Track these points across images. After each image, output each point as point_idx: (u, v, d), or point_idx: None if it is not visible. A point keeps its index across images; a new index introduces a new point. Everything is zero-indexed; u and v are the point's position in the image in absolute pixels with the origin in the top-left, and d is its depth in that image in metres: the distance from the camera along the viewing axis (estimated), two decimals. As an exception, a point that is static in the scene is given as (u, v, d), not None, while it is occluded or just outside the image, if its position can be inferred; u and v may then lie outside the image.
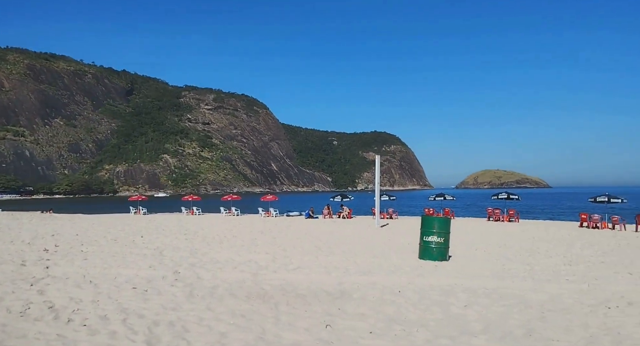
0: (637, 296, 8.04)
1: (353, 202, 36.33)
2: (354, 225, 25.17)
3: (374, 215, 24.89)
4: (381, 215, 30.27)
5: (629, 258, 13.10)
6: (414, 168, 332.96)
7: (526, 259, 12.49)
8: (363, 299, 7.48)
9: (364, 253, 13.25)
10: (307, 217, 31.73)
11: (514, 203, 37.33)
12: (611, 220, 24.33)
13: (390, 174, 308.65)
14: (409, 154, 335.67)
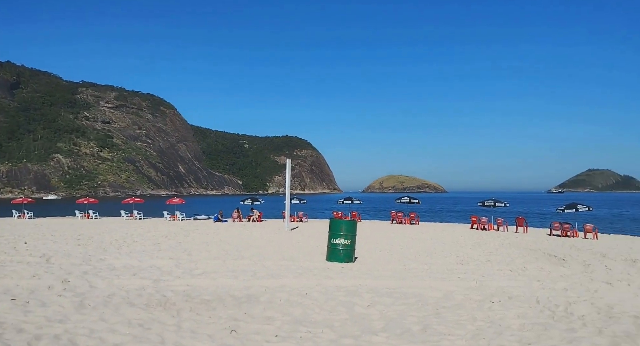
0: (516, 291, 8.96)
1: (264, 205, 36.15)
2: (264, 228, 25.03)
3: (284, 218, 24.98)
4: (291, 218, 30.48)
5: (510, 256, 14.58)
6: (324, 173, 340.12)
7: (425, 259, 13.34)
8: (270, 302, 7.46)
9: (273, 256, 13.23)
10: (216, 221, 30.93)
11: (414, 207, 39.69)
12: (496, 222, 26.91)
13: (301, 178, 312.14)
14: (319, 159, 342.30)
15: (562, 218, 27.50)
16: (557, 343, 5.44)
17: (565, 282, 10.05)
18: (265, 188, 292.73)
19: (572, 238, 22.41)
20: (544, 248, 17.60)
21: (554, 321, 6.66)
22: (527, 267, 12.19)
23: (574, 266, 12.73)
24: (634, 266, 12.87)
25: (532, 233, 25.56)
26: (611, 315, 6.96)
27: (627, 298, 8.47)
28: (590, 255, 15.35)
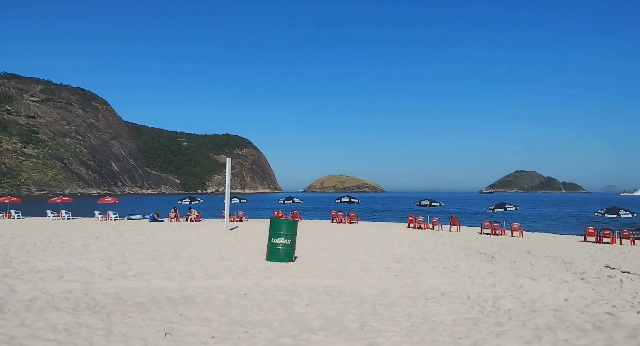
0: (449, 287, 9.34)
1: (202, 205, 35.25)
2: (202, 228, 24.38)
3: (224, 218, 24.49)
4: (231, 218, 29.93)
5: (444, 254, 15.21)
6: (265, 172, 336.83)
7: (363, 258, 13.58)
8: (207, 303, 7.25)
9: (211, 256, 12.90)
10: (152, 220, 29.72)
11: (354, 206, 40.38)
12: (432, 221, 28.01)
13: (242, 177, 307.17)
14: (260, 158, 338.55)
15: (492, 218, 29.12)
16: (485, 337, 5.71)
17: (494, 278, 10.61)
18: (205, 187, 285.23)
19: (501, 237, 23.81)
20: (475, 246, 18.53)
21: (483, 316, 6.99)
22: (459, 265, 12.76)
23: (501, 263, 13.50)
24: (554, 263, 13.86)
25: (465, 231, 26.86)
26: (534, 309, 7.42)
27: (549, 292, 9.09)
28: (517, 252, 16.36)
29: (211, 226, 26.08)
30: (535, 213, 63.48)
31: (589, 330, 5.92)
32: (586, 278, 10.89)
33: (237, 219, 31.46)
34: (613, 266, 12.97)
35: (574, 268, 12.66)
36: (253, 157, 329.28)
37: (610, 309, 7.57)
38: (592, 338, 5.54)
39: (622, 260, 14.76)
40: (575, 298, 8.52)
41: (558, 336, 5.67)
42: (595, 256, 15.90)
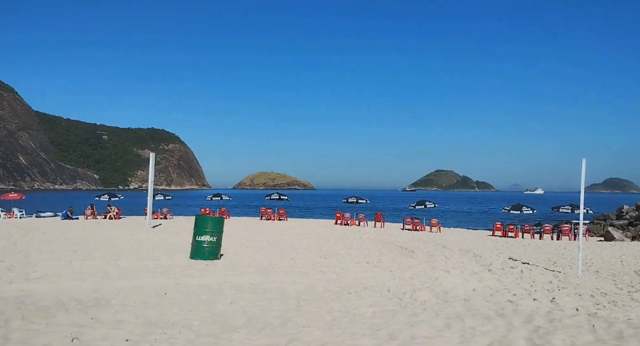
0: (371, 281, 9.66)
1: (123, 201, 33.38)
2: (122, 226, 23.12)
3: (146, 215, 23.40)
4: (155, 215, 28.70)
5: (368, 250, 15.70)
6: (192, 168, 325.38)
7: (290, 254, 13.65)
8: (123, 305, 6.89)
9: (130, 255, 12.28)
10: (65, 218, 27.65)
11: (284, 203, 40.41)
12: (358, 218, 28.79)
13: (168, 173, 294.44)
14: (188, 153, 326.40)
15: (413, 214, 30.53)
16: (401, 327, 5.99)
17: (413, 272, 11.15)
18: (127, 183, 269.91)
19: (421, 232, 25.04)
20: (397, 241, 19.33)
21: (400, 307, 7.33)
22: (382, 259, 13.24)
23: (420, 257, 14.21)
24: (466, 256, 14.84)
25: (389, 227, 27.93)
26: (447, 299, 7.91)
27: (460, 283, 9.73)
28: (434, 247, 17.30)
29: (132, 224, 24.80)
30: (452, 210, 67.55)
31: (493, 317, 6.42)
32: (492, 270, 11.80)
33: (161, 216, 30.21)
34: (515, 258, 14.17)
35: (482, 260, 13.65)
36: (180, 152, 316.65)
37: (511, 297, 8.27)
38: (495, 324, 6.01)
39: (523, 252, 16.15)
40: (483, 288, 9.20)
41: (466, 323, 6.09)
42: (501, 249, 17.24)
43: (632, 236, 23.18)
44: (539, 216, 33.31)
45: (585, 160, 11.60)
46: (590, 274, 11.52)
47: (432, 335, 5.65)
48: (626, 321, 6.46)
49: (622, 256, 15.21)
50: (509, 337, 5.39)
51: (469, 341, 5.32)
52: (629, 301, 8.46)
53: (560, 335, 5.37)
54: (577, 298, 8.50)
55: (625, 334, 5.34)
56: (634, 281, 10.77)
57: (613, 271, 12.15)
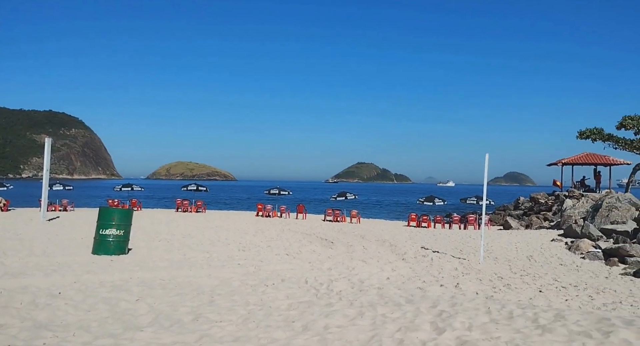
0: (289, 273, 9.60)
1: (13, 192, 30.16)
2: (10, 218, 20.92)
3: (41, 207, 21.38)
4: (52, 206, 26.37)
5: (288, 241, 15.66)
6: (100, 156, 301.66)
7: (207, 247, 13.18)
8: (5, 307, 6.14)
9: (19, 252, 11.08)
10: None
11: (202, 195, 39.15)
12: (280, 210, 28.69)
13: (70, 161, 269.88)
14: (94, 140, 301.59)
15: (334, 205, 31.03)
16: (316, 318, 5.98)
17: (331, 262, 11.27)
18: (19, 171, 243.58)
19: (341, 223, 25.52)
20: (318, 232, 19.52)
21: (317, 298, 7.33)
22: (302, 251, 13.25)
23: (339, 248, 14.44)
24: (383, 246, 15.35)
25: (310, 219, 28.14)
26: (362, 289, 8.06)
27: (375, 272, 10.00)
28: (353, 238, 17.70)
29: (23, 216, 22.50)
30: (371, 201, 69.95)
31: (403, 303, 6.64)
32: (406, 259, 12.30)
33: (60, 208, 27.78)
34: (427, 247, 14.91)
35: (397, 250, 14.19)
36: (85, 138, 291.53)
37: (421, 284, 8.66)
38: (404, 310, 6.22)
39: (434, 242, 17.06)
40: (396, 277, 9.53)
41: (377, 311, 6.23)
42: (414, 238, 18.07)
43: (526, 225, 25.61)
44: (449, 207, 35.47)
45: (488, 155, 12.45)
46: (490, 260, 12.45)
47: (346, 324, 5.70)
48: (516, 302, 7.03)
49: (517, 243, 16.62)
50: (416, 322, 5.59)
51: (380, 328, 5.43)
52: (520, 284, 9.26)
53: (460, 317, 5.67)
54: (478, 283, 9.12)
55: (515, 314, 5.78)
56: (525, 265, 11.84)
57: (509, 257, 13.26)
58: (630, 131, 27.94)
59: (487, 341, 4.75)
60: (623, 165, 30.16)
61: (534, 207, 29.29)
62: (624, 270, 11.76)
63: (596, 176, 30.61)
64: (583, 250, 14.42)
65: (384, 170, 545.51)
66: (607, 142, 28.62)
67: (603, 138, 28.56)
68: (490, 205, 28.59)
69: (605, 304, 7.76)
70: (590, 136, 28.86)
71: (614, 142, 28.45)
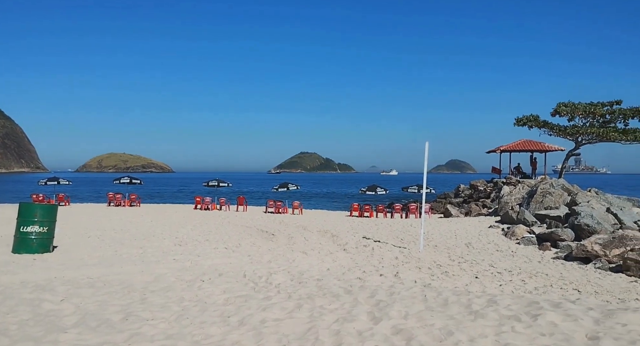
0: (227, 267, 9.37)
1: None
2: None
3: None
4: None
5: (228, 234, 15.32)
6: (22, 148, 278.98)
7: (141, 243, 12.59)
8: None
9: None
10: None
11: (136, 188, 37.43)
12: (219, 202, 28.08)
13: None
14: (16, 131, 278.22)
15: (276, 197, 30.81)
16: (253, 312, 5.85)
17: (271, 255, 11.13)
18: None
19: (283, 215, 25.41)
20: (259, 224, 19.29)
21: (255, 292, 7.18)
22: (241, 244, 13.00)
23: (280, 240, 14.33)
24: (324, 236, 15.43)
25: (251, 211, 27.77)
26: (301, 281, 8.01)
27: (316, 264, 10.00)
28: (295, 229, 17.64)
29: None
30: (314, 192, 70.36)
31: (341, 294, 6.66)
32: (347, 249, 12.42)
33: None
34: (369, 237, 15.17)
35: (339, 240, 14.31)
36: (5, 129, 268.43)
37: (360, 274, 8.75)
38: (342, 301, 6.24)
39: (375, 231, 17.40)
40: (336, 268, 9.58)
41: (315, 303, 6.21)
42: (357, 228, 18.34)
43: (465, 212, 26.51)
44: (391, 196, 36.32)
45: (428, 143, 12.78)
46: (430, 248, 12.84)
47: (283, 317, 5.62)
48: (453, 289, 7.27)
49: (457, 231, 17.28)
50: (353, 312, 5.61)
51: (317, 320, 5.40)
52: (458, 271, 9.61)
53: (397, 306, 5.77)
54: (417, 271, 9.37)
55: (450, 301, 5.96)
56: (464, 252, 12.32)
57: (448, 245, 13.74)
58: (564, 118, 29.01)
59: (421, 329, 4.85)
60: (557, 151, 31.04)
61: (473, 194, 29.99)
62: (555, 254, 12.43)
63: (532, 162, 31.54)
64: (518, 236, 15.19)
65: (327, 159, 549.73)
66: (543, 128, 29.35)
67: (539, 125, 29.27)
68: (431, 194, 29.35)
69: (536, 288, 8.20)
70: (526, 123, 29.44)
71: (549, 129, 29.26)
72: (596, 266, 10.51)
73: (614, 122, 27.94)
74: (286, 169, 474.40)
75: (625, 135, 27.13)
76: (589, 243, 11.45)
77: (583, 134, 28.17)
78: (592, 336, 4.31)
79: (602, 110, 27.83)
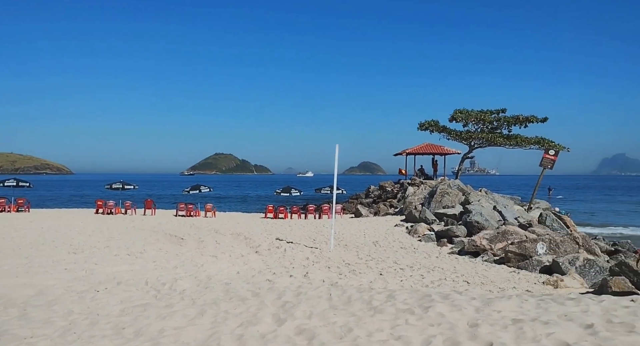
0: (128, 275, 8.77)
1: None
2: None
3: None
4: None
5: (132, 240, 14.38)
6: None
7: (26, 252, 11.37)
8: None
9: None
10: None
11: (25, 191, 33.90)
12: (124, 206, 26.35)
13: None
14: None
15: (187, 199, 29.63)
16: (151, 322, 5.50)
17: (179, 260, 10.63)
18: None
19: (195, 218, 24.45)
20: (168, 228, 18.36)
21: (156, 300, 6.78)
22: (146, 249, 12.28)
23: (190, 244, 13.75)
24: (237, 239, 15.09)
25: (160, 214, 26.36)
26: (208, 286, 7.72)
27: (225, 267, 9.72)
28: (207, 232, 17.05)
29: None
30: (229, 194, 68.89)
31: (248, 297, 6.51)
32: (260, 251, 12.25)
33: None
34: (282, 238, 15.10)
35: (252, 242, 14.07)
36: None
37: (271, 276, 8.66)
38: (249, 304, 6.09)
39: (289, 232, 17.39)
40: (247, 270, 9.39)
41: (220, 308, 6.00)
42: (270, 230, 18.18)
43: (374, 212, 27.53)
44: (306, 197, 36.60)
45: (338, 146, 13.03)
46: (341, 248, 13.08)
47: (184, 324, 5.34)
48: (357, 286, 7.45)
49: (366, 230, 17.82)
50: (258, 315, 5.50)
51: (220, 325, 5.22)
52: (365, 269, 9.89)
53: (303, 306, 5.76)
54: (326, 271, 9.48)
55: (353, 298, 6.09)
56: (371, 251, 12.72)
57: (357, 243, 14.11)
58: (459, 123, 31.36)
59: (324, 327, 4.87)
60: (455, 154, 33.52)
61: (382, 194, 31.21)
62: (451, 249, 13.32)
63: (434, 165, 33.80)
64: (420, 234, 16.05)
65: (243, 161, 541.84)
66: (442, 133, 31.69)
67: (439, 130, 31.59)
68: (343, 194, 30.06)
69: (432, 281, 8.67)
70: (428, 127, 31.72)
71: (447, 133, 31.61)
72: (484, 259, 11.43)
73: (500, 129, 30.81)
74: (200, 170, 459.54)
75: (509, 140, 30.12)
76: (478, 238, 12.45)
77: (475, 139, 30.78)
78: (472, 324, 4.63)
79: (490, 117, 30.53)
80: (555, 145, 28.05)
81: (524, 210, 21.17)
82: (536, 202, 23.12)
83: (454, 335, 4.34)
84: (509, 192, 34.09)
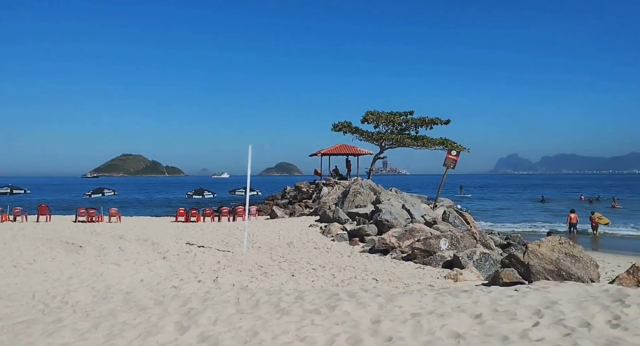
0: (12, 289, 7.92)
1: None
2: None
3: None
4: None
5: (19, 250, 13.04)
6: None
7: None
8: None
9: None
10: None
11: None
12: (13, 212, 23.84)
13: None
14: None
15: (89, 204, 27.45)
16: (34, 340, 4.94)
17: (75, 270, 9.78)
18: None
19: (97, 223, 22.72)
20: (65, 236, 16.87)
21: (43, 315, 6.15)
22: (36, 259, 11.17)
23: (89, 252, 12.71)
24: (144, 245, 14.24)
25: (58, 221, 24.16)
26: (106, 296, 7.16)
27: (128, 275, 9.10)
28: (109, 239, 15.89)
29: None
30: (136, 197, 65.12)
31: (150, 306, 6.14)
32: (167, 257, 11.65)
33: None
34: (193, 243, 14.53)
35: (160, 248, 13.36)
36: None
37: (177, 283, 8.26)
38: (150, 313, 5.74)
39: (201, 236, 16.81)
40: (152, 277, 8.88)
41: (118, 319, 5.58)
42: (181, 234, 17.42)
43: (290, 213, 27.58)
44: (220, 199, 35.68)
45: (251, 146, 12.84)
46: (254, 250, 12.88)
47: (73, 340, 4.88)
48: (267, 289, 7.36)
49: (280, 231, 17.76)
50: (159, 324, 5.20)
51: (116, 338, 4.84)
52: (277, 270, 9.81)
53: (208, 312, 5.55)
54: (238, 274, 9.26)
55: (261, 301, 6.00)
56: (285, 252, 12.68)
57: (271, 245, 13.99)
58: (371, 125, 32.31)
59: (229, 333, 4.72)
60: (367, 154, 34.57)
61: (297, 195, 31.36)
62: (362, 248, 13.67)
63: (347, 165, 34.62)
64: (333, 233, 16.33)
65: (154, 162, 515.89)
66: (355, 134, 32.45)
67: (351, 131, 32.34)
68: (258, 196, 29.76)
69: (343, 280, 8.81)
70: (342, 129, 32.36)
71: (359, 134, 32.45)
72: (392, 257, 11.93)
73: (408, 130, 32.39)
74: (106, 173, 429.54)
75: (416, 141, 31.78)
76: (387, 236, 12.97)
77: (385, 140, 32.01)
78: (375, 320, 4.77)
79: (399, 119, 31.98)
80: (457, 146, 30.04)
81: (430, 208, 22.45)
82: (441, 200, 24.62)
83: (357, 332, 4.43)
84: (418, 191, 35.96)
